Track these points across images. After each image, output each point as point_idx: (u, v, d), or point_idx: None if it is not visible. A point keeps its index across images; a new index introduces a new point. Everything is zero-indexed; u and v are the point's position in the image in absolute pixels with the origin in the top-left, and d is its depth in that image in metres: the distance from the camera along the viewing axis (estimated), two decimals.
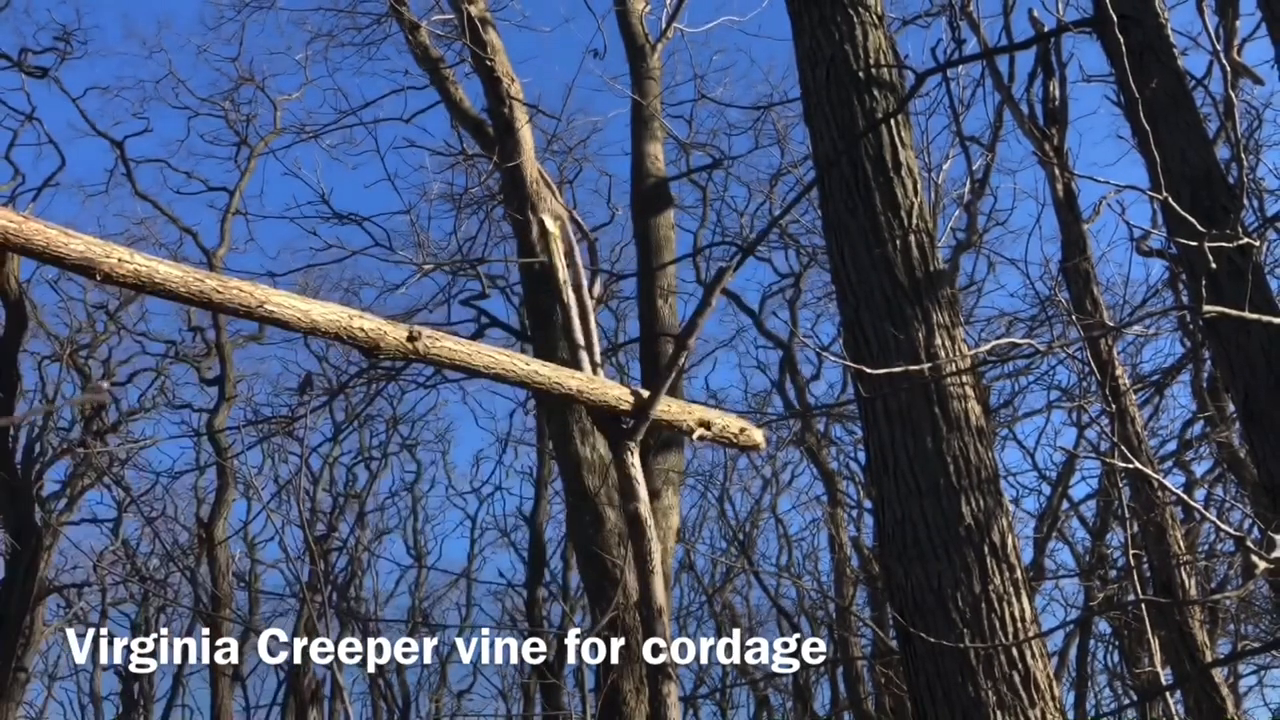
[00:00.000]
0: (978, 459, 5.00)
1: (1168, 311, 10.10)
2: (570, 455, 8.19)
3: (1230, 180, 5.29)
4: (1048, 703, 4.60)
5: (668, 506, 8.69)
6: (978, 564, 4.78)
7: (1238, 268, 4.76)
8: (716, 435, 2.12)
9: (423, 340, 1.75)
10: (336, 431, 17.23)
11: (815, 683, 16.19)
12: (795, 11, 6.09)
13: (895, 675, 10.38)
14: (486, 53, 8.91)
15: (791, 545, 18.05)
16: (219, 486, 15.93)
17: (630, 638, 7.41)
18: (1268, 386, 4.75)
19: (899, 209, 5.46)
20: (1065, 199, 8.19)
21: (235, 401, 15.82)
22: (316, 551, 7.18)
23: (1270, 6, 5.14)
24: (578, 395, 2.00)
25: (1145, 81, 5.18)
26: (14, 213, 1.37)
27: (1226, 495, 12.40)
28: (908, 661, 4.94)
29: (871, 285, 5.35)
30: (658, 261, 9.65)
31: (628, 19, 10.68)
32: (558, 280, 2.24)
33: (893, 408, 5.11)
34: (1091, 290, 8.09)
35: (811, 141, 6.03)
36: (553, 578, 17.55)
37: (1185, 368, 11.51)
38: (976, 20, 7.27)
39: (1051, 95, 8.09)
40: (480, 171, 12.28)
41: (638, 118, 10.28)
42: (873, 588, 13.93)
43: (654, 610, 2.00)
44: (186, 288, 1.53)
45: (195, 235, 15.86)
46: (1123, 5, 5.48)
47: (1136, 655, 11.26)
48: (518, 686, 19.40)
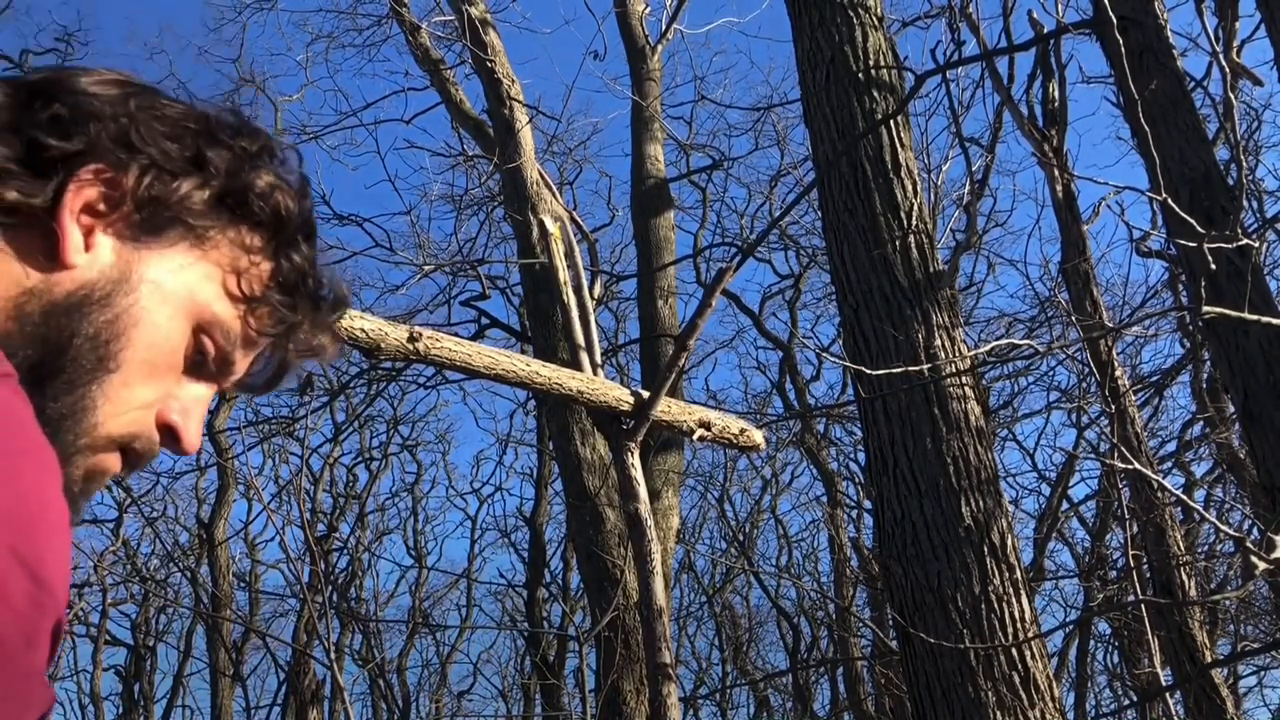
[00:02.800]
0: (977, 459, 5.01)
1: (1167, 312, 10.10)
2: (570, 456, 8.19)
3: (1229, 181, 5.30)
4: (1047, 703, 4.60)
5: (668, 507, 8.70)
6: (977, 564, 4.79)
7: (1237, 269, 4.77)
8: (716, 436, 2.13)
9: (423, 341, 1.76)
10: (337, 432, 17.23)
11: (815, 683, 16.20)
12: (795, 13, 6.10)
13: (895, 676, 10.38)
14: (487, 54, 8.92)
15: (791, 546, 18.05)
16: (219, 487, 15.94)
17: (630, 638, 7.42)
18: (1267, 387, 4.76)
19: (899, 210, 5.47)
20: (1065, 200, 8.20)
21: (236, 402, 15.83)
22: (317, 552, 7.20)
23: (1269, 7, 5.15)
24: (578, 396, 2.00)
25: (1144, 83, 5.19)
26: None
27: (1226, 496, 12.42)
28: (907, 662, 4.94)
29: (871, 286, 5.36)
30: (658, 262, 9.66)
31: (628, 20, 10.70)
32: (558, 281, 2.25)
33: (892, 408, 5.12)
34: (1091, 291, 8.10)
35: (811, 143, 6.04)
36: (553, 578, 17.55)
37: (1185, 368, 11.52)
38: (976, 22, 7.28)
39: (1051, 96, 8.10)
40: (481, 172, 12.30)
41: (638, 119, 10.30)
42: (872, 588, 13.93)
43: (654, 610, 2.00)
44: None
45: None
46: (1122, 6, 5.49)
47: (1136, 656, 11.27)
48: (518, 687, 19.40)
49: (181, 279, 0.78)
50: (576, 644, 8.23)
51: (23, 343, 0.71)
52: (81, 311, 0.73)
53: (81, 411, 0.73)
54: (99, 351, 0.73)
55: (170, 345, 0.77)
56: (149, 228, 0.77)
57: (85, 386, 0.73)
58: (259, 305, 0.82)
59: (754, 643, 18.06)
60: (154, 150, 0.77)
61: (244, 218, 0.81)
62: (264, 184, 0.82)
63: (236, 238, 0.81)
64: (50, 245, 0.73)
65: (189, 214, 0.78)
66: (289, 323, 0.85)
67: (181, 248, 0.79)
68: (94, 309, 0.73)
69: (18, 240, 0.73)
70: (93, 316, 0.73)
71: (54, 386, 0.72)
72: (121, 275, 0.75)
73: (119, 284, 0.75)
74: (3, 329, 0.71)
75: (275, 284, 0.83)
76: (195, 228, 0.79)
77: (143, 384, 0.76)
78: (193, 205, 0.78)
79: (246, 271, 0.81)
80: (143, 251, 0.77)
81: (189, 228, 0.79)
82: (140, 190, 0.76)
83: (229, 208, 0.80)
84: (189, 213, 0.78)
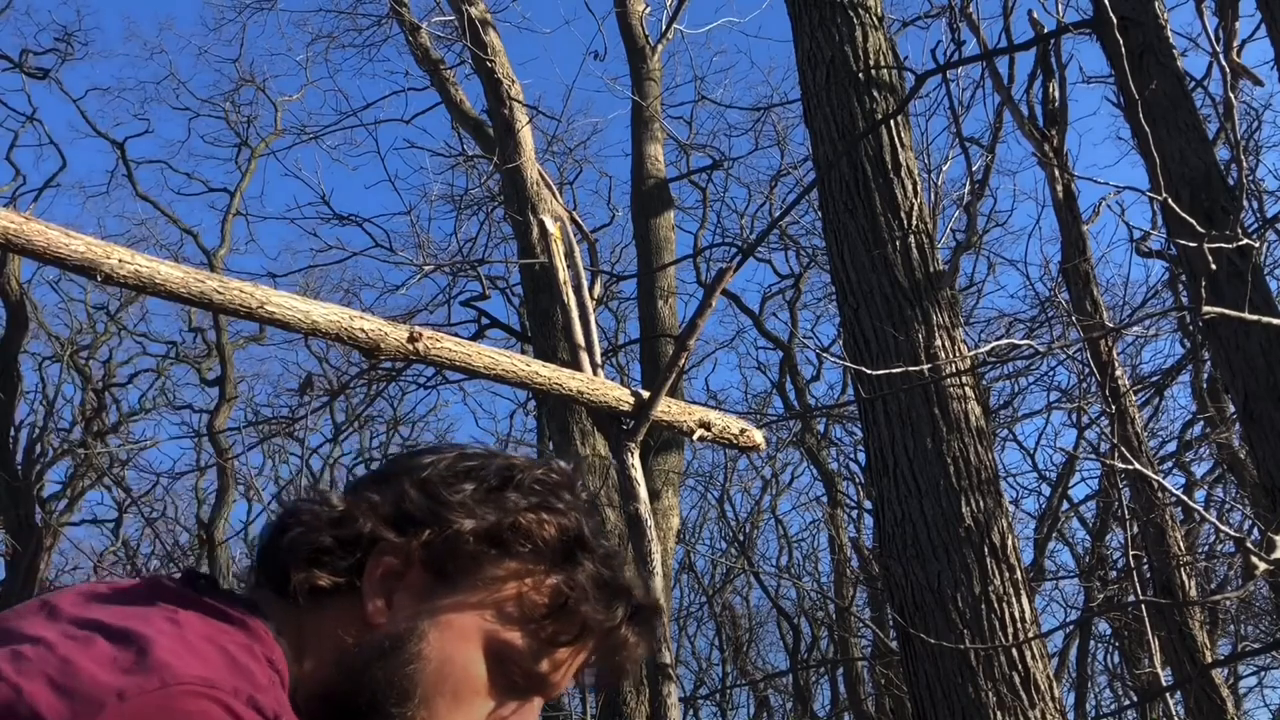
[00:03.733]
0: (977, 460, 5.00)
1: (1167, 312, 10.10)
2: (570, 456, 8.19)
3: (1230, 181, 5.29)
4: (1048, 704, 4.60)
5: (668, 507, 8.70)
6: (977, 565, 4.79)
7: (1237, 269, 4.77)
8: (717, 436, 2.13)
9: (423, 341, 1.76)
10: (337, 432, 17.23)
11: (815, 683, 16.19)
12: (795, 13, 6.10)
13: (895, 676, 10.38)
14: (487, 54, 8.92)
15: (791, 546, 18.03)
16: (219, 487, 15.94)
17: None
18: (1267, 387, 4.75)
19: (899, 210, 5.46)
20: (1065, 200, 8.19)
21: (236, 402, 15.83)
22: None
23: (1270, 8, 5.15)
24: (578, 396, 2.00)
25: (1145, 83, 5.18)
26: (16, 213, 1.38)
27: (1226, 496, 12.41)
28: (908, 662, 4.94)
29: (871, 286, 5.36)
30: (658, 262, 9.66)
31: (628, 20, 10.69)
32: (558, 281, 2.24)
33: (893, 409, 5.12)
34: (1091, 291, 8.09)
35: (811, 143, 6.04)
36: None
37: (1185, 369, 11.51)
38: (976, 22, 7.27)
39: (1051, 96, 8.09)
40: (481, 172, 12.30)
41: (638, 119, 10.30)
42: (872, 588, 13.92)
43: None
44: (188, 289, 1.53)
45: (196, 236, 15.88)
46: (1122, 6, 5.49)
47: (1136, 656, 11.26)
48: None
49: (468, 616, 0.93)
50: None
51: (343, 687, 0.90)
52: (379, 661, 0.90)
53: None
54: (396, 691, 0.90)
55: (469, 674, 0.92)
56: (438, 579, 0.93)
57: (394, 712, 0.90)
58: (547, 621, 0.94)
59: (754, 643, 18.05)
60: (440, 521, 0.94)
61: (514, 554, 0.95)
62: (528, 520, 0.96)
63: (515, 568, 0.95)
64: (361, 609, 0.92)
65: (467, 560, 0.94)
66: (591, 630, 0.96)
67: (464, 587, 0.93)
68: (388, 656, 0.90)
69: (337, 608, 0.92)
70: (387, 663, 0.90)
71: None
72: (409, 625, 0.92)
73: (409, 633, 0.91)
74: (329, 677, 0.90)
75: (559, 601, 0.95)
76: (476, 570, 0.94)
77: (450, 713, 0.91)
78: (468, 549, 0.94)
79: (526, 595, 0.94)
80: (434, 600, 0.93)
81: (471, 572, 0.94)
82: (427, 554, 0.94)
83: (500, 544, 0.94)
84: (467, 559, 0.94)
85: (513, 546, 0.95)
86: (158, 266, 1.50)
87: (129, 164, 15.32)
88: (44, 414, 16.88)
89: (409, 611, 0.92)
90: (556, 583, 0.95)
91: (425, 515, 0.94)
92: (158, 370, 17.63)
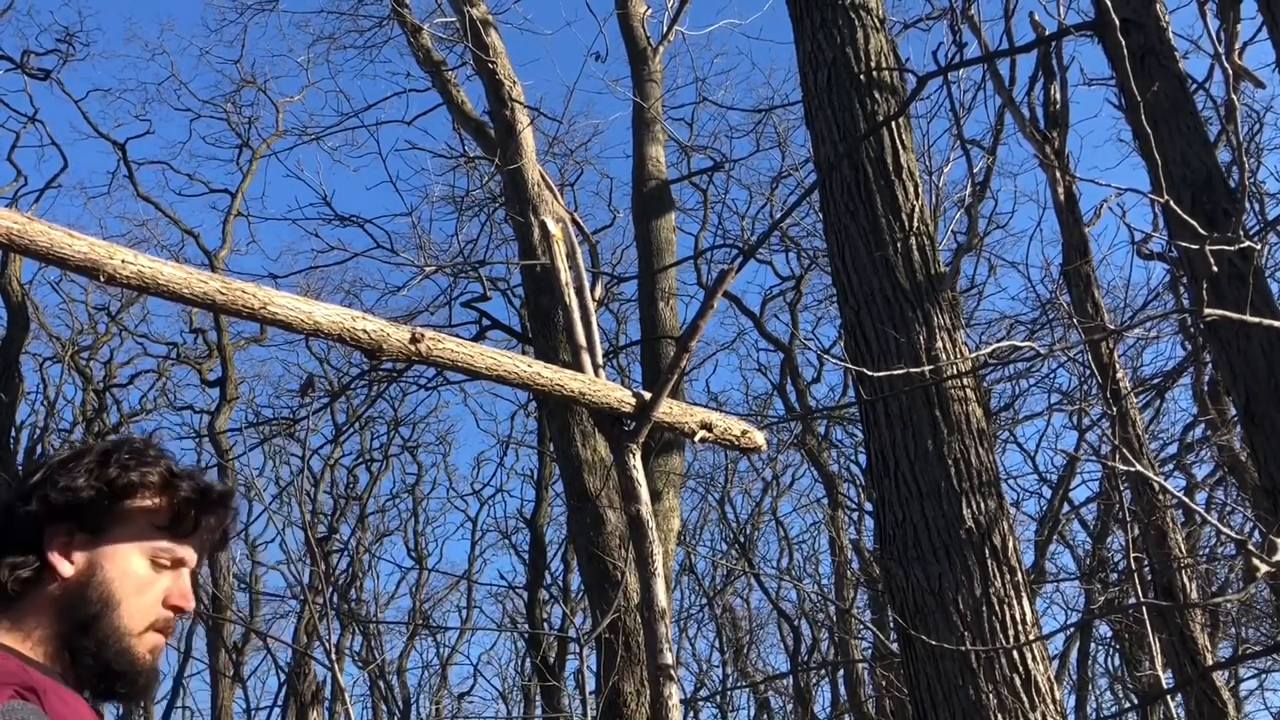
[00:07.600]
0: (978, 461, 5.00)
1: (1169, 315, 10.08)
2: (571, 457, 8.19)
3: (1231, 183, 5.29)
4: (1048, 706, 4.60)
5: (669, 509, 8.70)
6: (978, 566, 4.79)
7: (1239, 271, 4.76)
8: (718, 437, 2.13)
9: (425, 342, 1.76)
10: (338, 433, 17.23)
11: (815, 685, 16.18)
12: (796, 15, 6.10)
13: (896, 678, 10.37)
14: (488, 55, 8.93)
15: (792, 548, 18.04)
16: None
17: (631, 639, 7.41)
18: (1269, 390, 4.75)
19: (900, 212, 5.46)
20: (1066, 202, 8.19)
21: (237, 403, 15.83)
22: (318, 553, 7.22)
23: (1271, 10, 5.14)
24: (579, 397, 2.00)
25: (1146, 85, 5.18)
26: (19, 214, 1.38)
27: (1227, 498, 12.40)
28: (908, 664, 4.94)
29: (872, 288, 5.36)
30: (659, 264, 9.67)
31: (629, 22, 10.70)
32: (559, 282, 2.24)
33: (893, 410, 5.12)
34: (1092, 293, 8.08)
35: (813, 144, 6.04)
36: (553, 580, 17.54)
37: (1186, 371, 11.50)
38: (978, 24, 7.28)
39: (1052, 98, 8.09)
40: (482, 174, 12.31)
41: (639, 120, 10.31)
42: (873, 590, 13.92)
43: (655, 612, 2.00)
44: (190, 289, 1.53)
45: (197, 237, 15.87)
46: (1124, 8, 5.49)
47: (1137, 658, 11.26)
48: (518, 689, 19.40)
49: (122, 543, 1.42)
50: (577, 646, 8.22)
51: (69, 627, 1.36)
52: (85, 591, 1.38)
53: (115, 629, 1.38)
54: (107, 603, 1.38)
55: (139, 573, 1.42)
56: (95, 531, 1.40)
57: (107, 618, 1.38)
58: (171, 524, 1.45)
59: (754, 645, 18.07)
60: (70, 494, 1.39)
61: (131, 494, 1.43)
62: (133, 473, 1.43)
63: (139, 505, 1.44)
64: (56, 573, 1.38)
65: (104, 510, 1.41)
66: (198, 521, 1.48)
67: (111, 526, 1.41)
68: (89, 587, 1.38)
69: (42, 583, 1.38)
70: (90, 590, 1.38)
71: (94, 629, 1.36)
72: (92, 562, 1.39)
73: (94, 567, 1.39)
74: (54, 624, 1.36)
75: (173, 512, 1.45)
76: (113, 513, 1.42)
77: (140, 598, 1.41)
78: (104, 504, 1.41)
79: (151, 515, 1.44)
80: (99, 545, 1.40)
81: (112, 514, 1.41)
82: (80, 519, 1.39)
83: (121, 491, 1.42)
84: (104, 510, 1.41)
85: (129, 490, 1.41)
86: (161, 267, 1.51)
87: (130, 165, 15.32)
88: (45, 414, 16.91)
89: (86, 556, 1.39)
90: (168, 501, 1.44)
91: (64, 496, 1.38)
92: (159, 371, 17.64)
